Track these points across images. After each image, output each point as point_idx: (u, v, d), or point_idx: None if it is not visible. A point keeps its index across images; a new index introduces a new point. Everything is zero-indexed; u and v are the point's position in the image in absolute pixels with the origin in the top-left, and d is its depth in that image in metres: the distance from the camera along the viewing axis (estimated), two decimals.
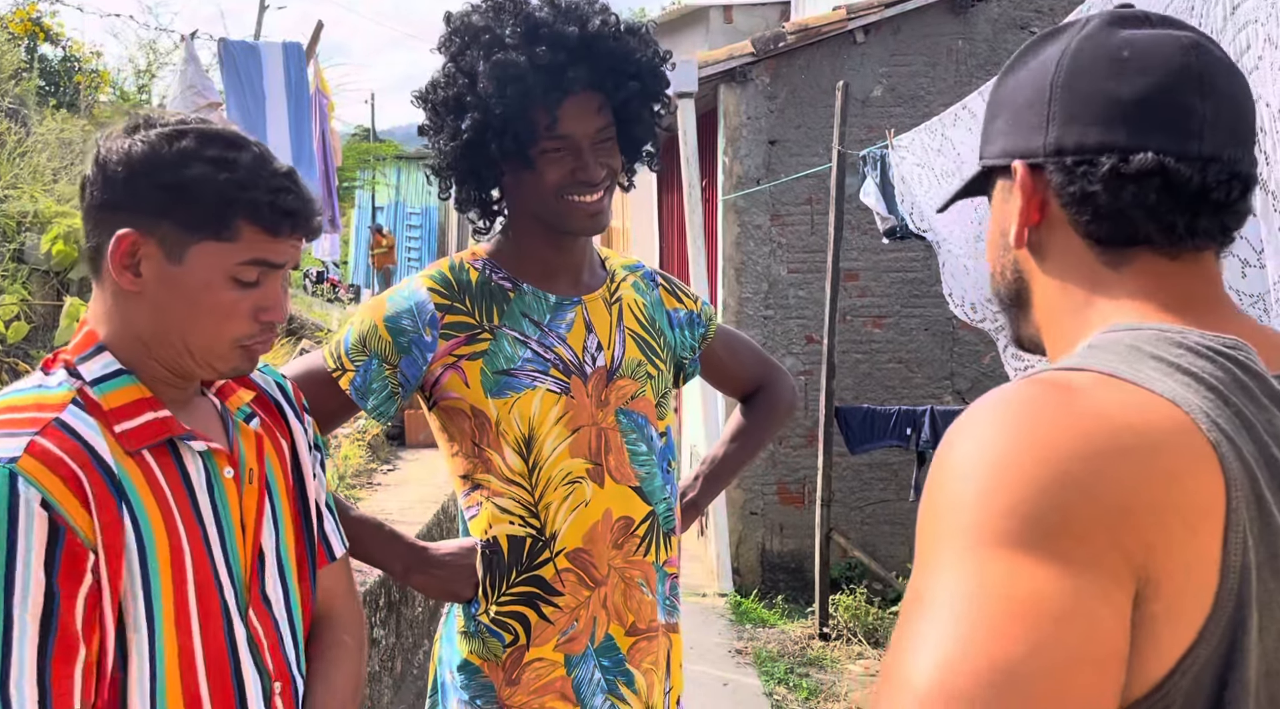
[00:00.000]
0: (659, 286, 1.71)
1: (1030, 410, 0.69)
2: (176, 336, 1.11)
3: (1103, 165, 0.77)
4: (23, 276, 3.66)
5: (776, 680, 4.46)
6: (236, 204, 1.09)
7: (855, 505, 5.88)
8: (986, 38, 5.73)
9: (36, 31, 7.41)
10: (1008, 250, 0.87)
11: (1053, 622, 0.61)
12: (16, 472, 0.98)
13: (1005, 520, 0.64)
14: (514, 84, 1.40)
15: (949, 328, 5.69)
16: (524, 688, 1.50)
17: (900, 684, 0.62)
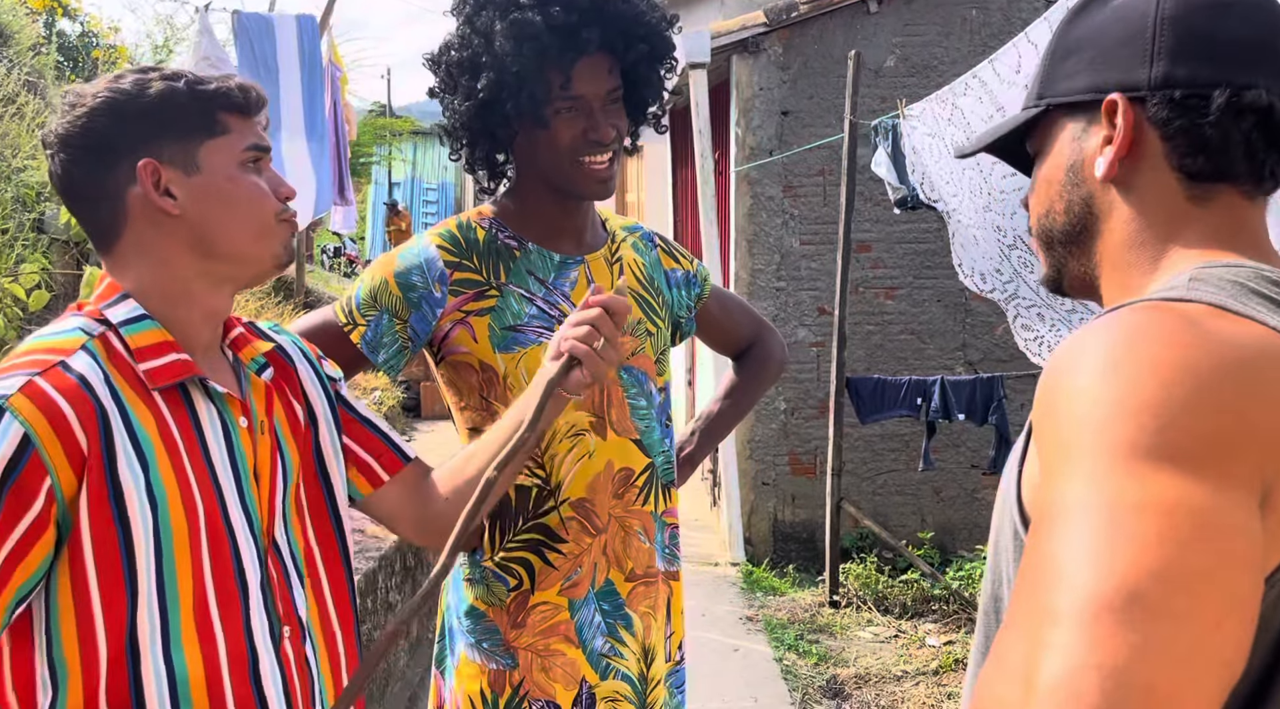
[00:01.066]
0: (657, 247, 1.76)
1: (1161, 332, 0.70)
2: (229, 232, 1.16)
3: (1216, 99, 0.80)
4: (43, 246, 3.72)
5: (786, 647, 4.52)
6: (209, 99, 1.15)
7: (866, 475, 5.91)
8: (1000, 6, 5.69)
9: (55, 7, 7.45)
10: (1078, 185, 0.88)
11: (1211, 529, 0.62)
12: (5, 406, 1.02)
13: (1152, 436, 0.65)
14: (530, 43, 1.44)
15: (961, 299, 5.69)
16: (529, 630, 1.56)
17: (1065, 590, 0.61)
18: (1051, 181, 0.91)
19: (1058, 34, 0.91)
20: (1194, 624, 0.59)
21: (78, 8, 7.79)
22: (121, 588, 1.08)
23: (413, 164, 22.66)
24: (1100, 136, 0.85)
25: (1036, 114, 0.92)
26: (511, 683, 1.57)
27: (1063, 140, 0.90)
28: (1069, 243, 0.91)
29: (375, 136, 19.14)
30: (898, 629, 4.76)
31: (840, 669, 4.31)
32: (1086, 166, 0.87)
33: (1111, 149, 0.84)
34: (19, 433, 1.02)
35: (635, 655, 1.62)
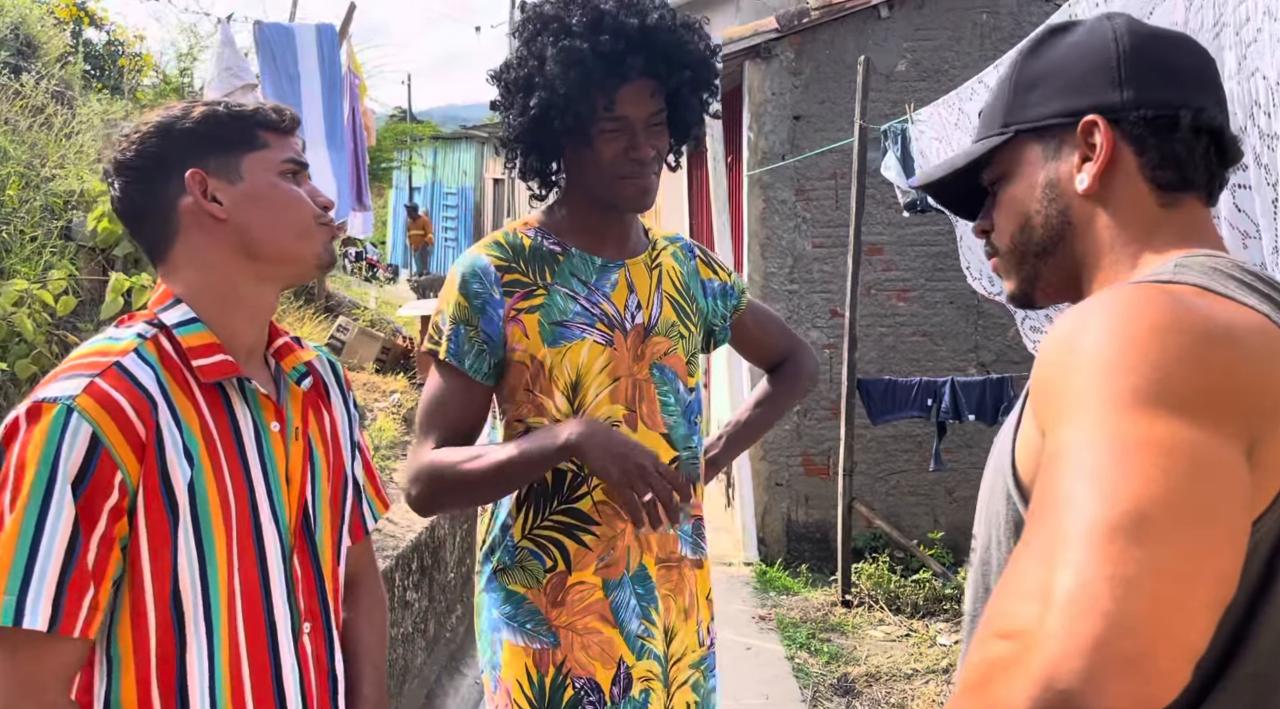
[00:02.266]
0: (696, 258, 1.87)
1: (1155, 304, 0.78)
2: (273, 235, 1.26)
3: (1183, 119, 0.92)
4: (70, 253, 3.82)
5: (799, 646, 4.57)
6: (248, 119, 1.27)
7: (879, 476, 5.95)
8: (1011, 11, 5.72)
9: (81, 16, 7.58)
10: (1054, 200, 0.97)
11: (1208, 467, 0.69)
12: (73, 407, 1.10)
13: (1152, 385, 0.72)
14: (577, 68, 1.56)
15: (973, 301, 5.72)
16: (569, 609, 1.67)
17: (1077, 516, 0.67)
18: (1026, 199, 1.00)
19: (1015, 70, 1.01)
20: (1196, 547, 0.65)
21: (104, 17, 7.93)
22: (168, 577, 1.16)
23: (433, 169, 22.83)
24: (1075, 155, 0.95)
25: (1002, 141, 1.00)
26: (554, 661, 1.66)
27: (1032, 162, 0.99)
28: (1045, 253, 1.00)
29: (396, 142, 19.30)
30: (909, 628, 4.80)
31: (851, 667, 4.36)
32: (1063, 182, 0.97)
33: (1094, 165, 0.94)
34: (88, 432, 1.11)
35: (660, 636, 1.72)
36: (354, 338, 6.51)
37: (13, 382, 3.28)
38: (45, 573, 1.08)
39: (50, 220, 3.83)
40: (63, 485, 1.09)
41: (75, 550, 1.10)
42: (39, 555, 1.08)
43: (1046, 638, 0.63)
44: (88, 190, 4.05)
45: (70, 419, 1.10)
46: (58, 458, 1.09)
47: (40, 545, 1.08)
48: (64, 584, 1.09)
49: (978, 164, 1.04)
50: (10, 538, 1.08)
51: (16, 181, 3.80)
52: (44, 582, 1.08)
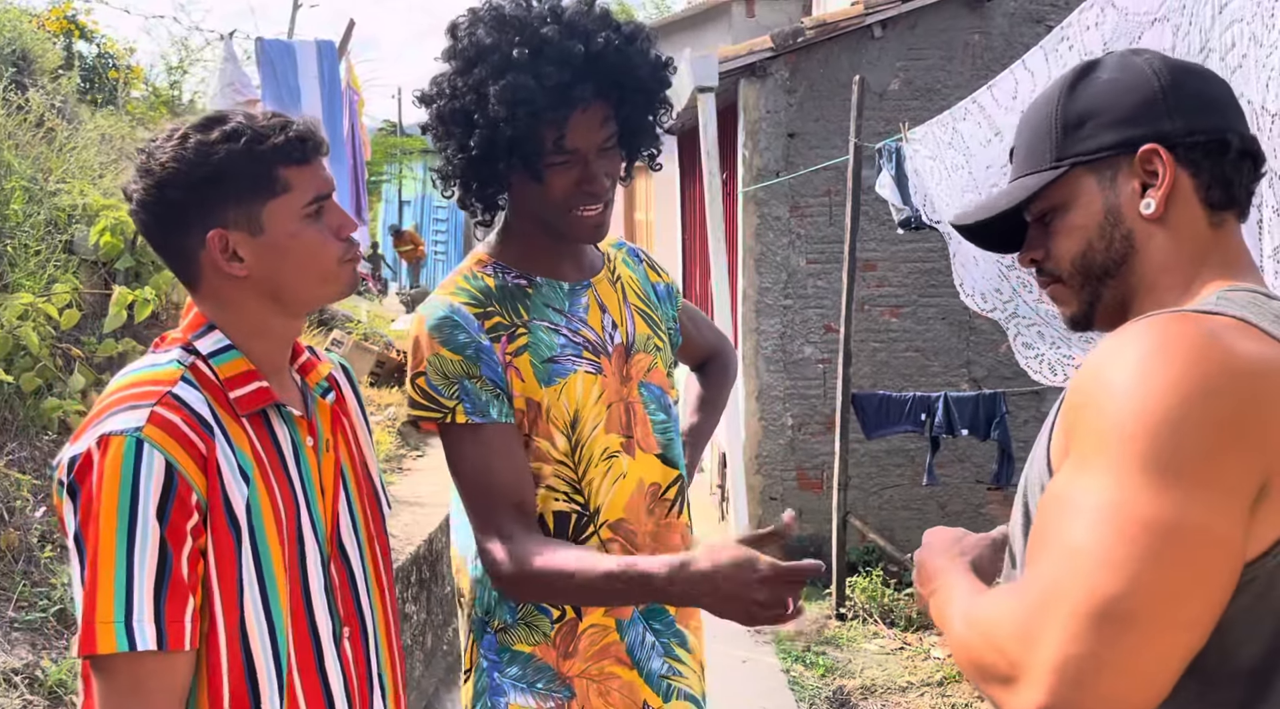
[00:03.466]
0: (643, 262, 1.78)
1: (1181, 346, 0.86)
2: (296, 284, 1.27)
3: (1233, 142, 1.01)
4: (73, 267, 3.84)
5: (794, 659, 4.60)
6: (268, 158, 1.23)
7: (873, 490, 6.00)
8: (1003, 32, 5.81)
9: (72, 29, 7.59)
10: (1118, 224, 1.03)
11: (1184, 541, 0.80)
12: (143, 438, 1.13)
13: (1154, 444, 0.82)
14: (524, 106, 1.43)
15: (965, 317, 5.78)
16: (581, 656, 1.56)
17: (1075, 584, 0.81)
18: (1087, 226, 1.06)
19: (1059, 108, 1.07)
20: (1170, 629, 0.80)
21: (94, 29, 7.94)
22: (235, 593, 1.20)
23: (423, 182, 22.84)
24: (1134, 182, 1.02)
25: (1056, 176, 1.06)
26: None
27: (1090, 191, 1.05)
28: (1108, 275, 1.06)
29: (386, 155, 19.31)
30: (903, 641, 4.84)
31: (846, 680, 4.39)
32: (1124, 207, 1.03)
33: (1158, 190, 1.01)
34: (162, 460, 1.14)
35: (695, 673, 1.63)
36: (348, 352, 6.53)
37: (18, 394, 3.30)
38: (143, 596, 1.11)
39: (54, 234, 3.85)
40: (144, 511, 1.13)
41: (167, 569, 1.13)
42: (134, 581, 1.11)
43: (1037, 689, 0.81)
44: (90, 204, 4.07)
45: (143, 449, 1.13)
46: (137, 487, 1.12)
47: (134, 570, 1.11)
48: (161, 602, 1.12)
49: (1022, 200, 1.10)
50: (107, 568, 1.11)
51: (21, 195, 3.82)
52: (143, 604, 1.11)
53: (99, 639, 1.10)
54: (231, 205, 1.22)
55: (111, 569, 1.11)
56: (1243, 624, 0.86)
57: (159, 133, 1.29)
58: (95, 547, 1.12)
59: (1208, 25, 2.16)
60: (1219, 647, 0.86)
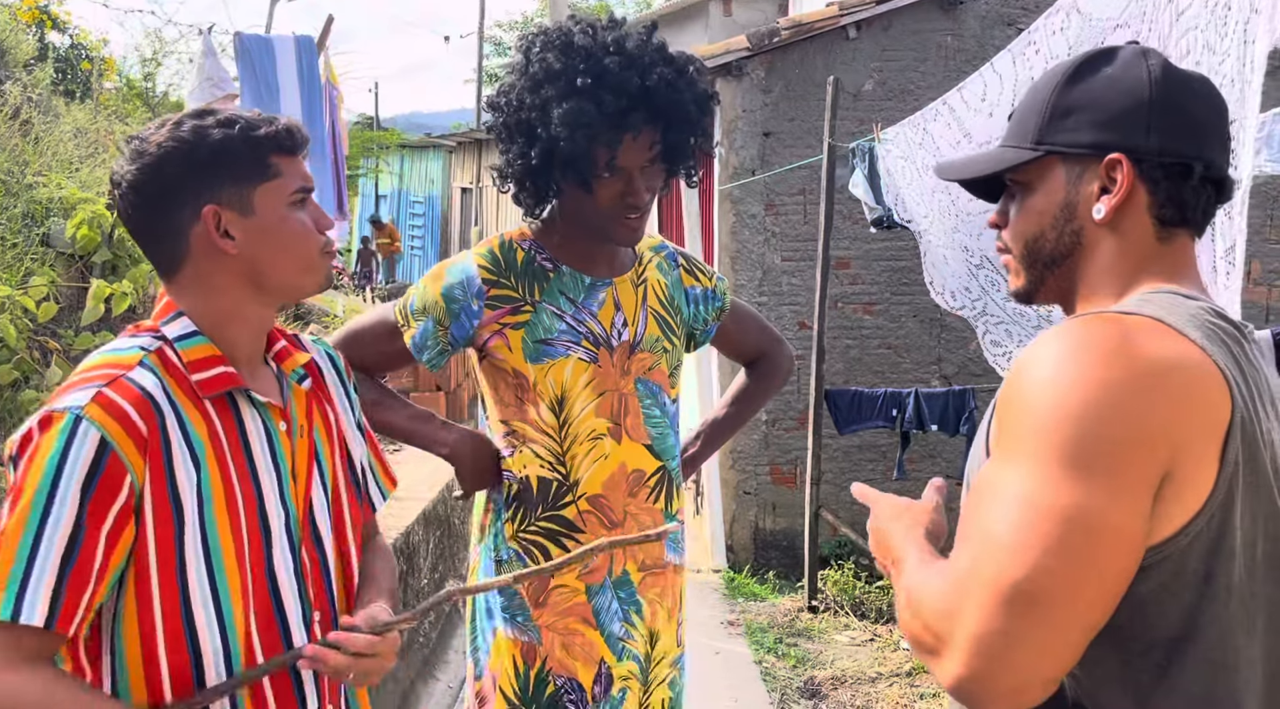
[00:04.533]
0: (679, 267, 1.93)
1: (1095, 348, 0.93)
2: (280, 268, 1.30)
3: (1196, 170, 1.05)
4: (50, 260, 3.84)
5: (766, 650, 4.67)
6: (262, 144, 1.27)
7: (844, 485, 6.08)
8: (975, 34, 5.90)
9: (44, 20, 7.52)
10: (1071, 220, 1.08)
11: (1087, 530, 0.89)
12: (82, 415, 1.15)
13: (1064, 439, 0.90)
14: (583, 129, 1.62)
15: (937, 314, 5.87)
16: (550, 610, 1.75)
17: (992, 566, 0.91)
18: (1044, 213, 1.11)
19: (1054, 93, 1.11)
20: (1074, 606, 0.89)
21: (67, 20, 7.88)
22: (174, 576, 1.21)
23: (399, 176, 22.75)
24: (1095, 185, 1.07)
25: (1033, 157, 1.12)
26: (539, 656, 1.74)
27: (1056, 181, 1.10)
28: (1054, 264, 1.12)
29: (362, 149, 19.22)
30: (873, 633, 4.92)
31: (818, 671, 4.47)
32: (1080, 206, 1.09)
33: (1112, 198, 1.07)
34: (96, 437, 1.15)
35: (643, 638, 1.80)
36: None
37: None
38: (44, 572, 1.11)
39: (31, 227, 3.85)
40: (66, 487, 1.13)
41: (75, 551, 1.13)
42: (39, 555, 1.12)
43: (956, 661, 0.91)
44: (66, 197, 4.07)
45: (79, 426, 1.14)
46: (63, 461, 1.13)
47: (41, 545, 1.12)
48: (62, 583, 1.12)
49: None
50: (13, 537, 1.12)
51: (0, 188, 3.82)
52: (43, 580, 1.11)
53: None
54: (227, 184, 1.26)
55: (18, 538, 1.11)
56: (1159, 599, 0.94)
57: (150, 124, 1.33)
58: (10, 517, 1.12)
59: (1166, 32, 2.24)
60: (1139, 621, 0.94)
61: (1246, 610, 0.97)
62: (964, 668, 0.90)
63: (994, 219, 1.19)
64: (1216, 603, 0.95)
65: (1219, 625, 0.95)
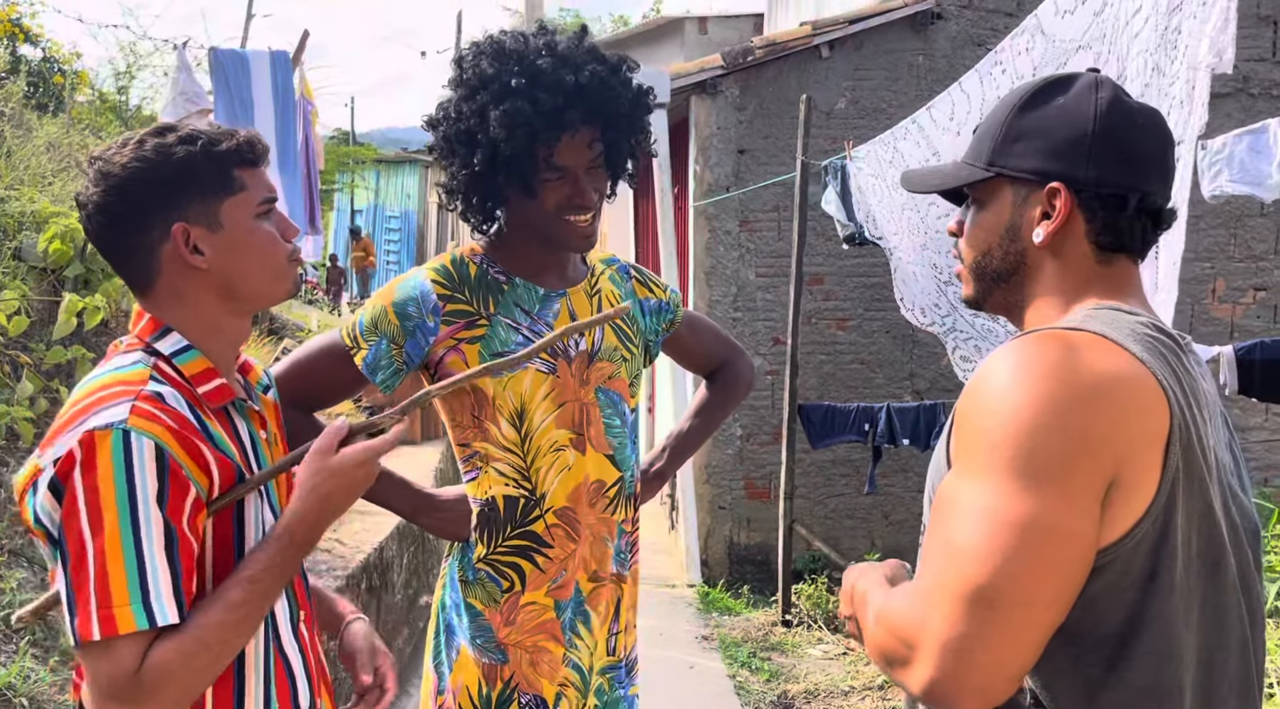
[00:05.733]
0: (632, 279, 1.93)
1: (1041, 365, 0.99)
2: (251, 279, 1.33)
3: (1131, 201, 1.11)
4: (21, 273, 3.83)
5: (740, 664, 4.68)
6: (225, 159, 1.29)
7: (818, 499, 6.12)
8: (945, 54, 5.99)
9: (16, 32, 7.48)
10: (1014, 241, 1.15)
11: (1041, 537, 0.95)
12: (129, 428, 1.16)
13: (1016, 452, 0.97)
14: (521, 128, 1.62)
15: (909, 330, 5.93)
16: (519, 628, 1.74)
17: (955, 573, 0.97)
18: (992, 231, 1.18)
19: (1009, 117, 1.17)
20: (1032, 609, 0.96)
21: (40, 33, 7.84)
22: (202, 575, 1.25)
23: (375, 192, 22.71)
24: (1038, 209, 1.14)
25: (984, 177, 1.18)
26: (503, 677, 1.73)
27: (1004, 202, 1.17)
28: (999, 280, 1.19)
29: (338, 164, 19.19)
30: (847, 647, 4.95)
31: (791, 685, 4.48)
32: (1024, 229, 1.15)
33: (1050, 224, 1.13)
34: (150, 444, 1.16)
35: (588, 649, 1.79)
36: None
37: None
38: (158, 576, 1.15)
39: (2, 241, 3.83)
40: (144, 494, 1.15)
41: (175, 549, 1.17)
42: (147, 563, 1.14)
43: (927, 665, 0.97)
44: (39, 211, 4.05)
45: (130, 439, 1.15)
46: (130, 471, 1.15)
47: (144, 554, 1.14)
48: (177, 580, 1.17)
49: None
50: (115, 554, 1.13)
51: None
52: (160, 585, 1.15)
53: (118, 621, 1.12)
54: (194, 201, 1.27)
55: (121, 554, 1.13)
56: (1108, 597, 1.00)
57: (110, 143, 1.33)
58: (97, 536, 1.13)
59: (1124, 54, 2.30)
60: (1090, 617, 1.00)
61: (1185, 604, 1.03)
62: (935, 671, 0.97)
63: (951, 227, 1.25)
64: (1160, 599, 1.01)
65: (1162, 620, 1.01)
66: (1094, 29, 2.50)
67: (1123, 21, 2.25)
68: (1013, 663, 0.97)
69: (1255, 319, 6.12)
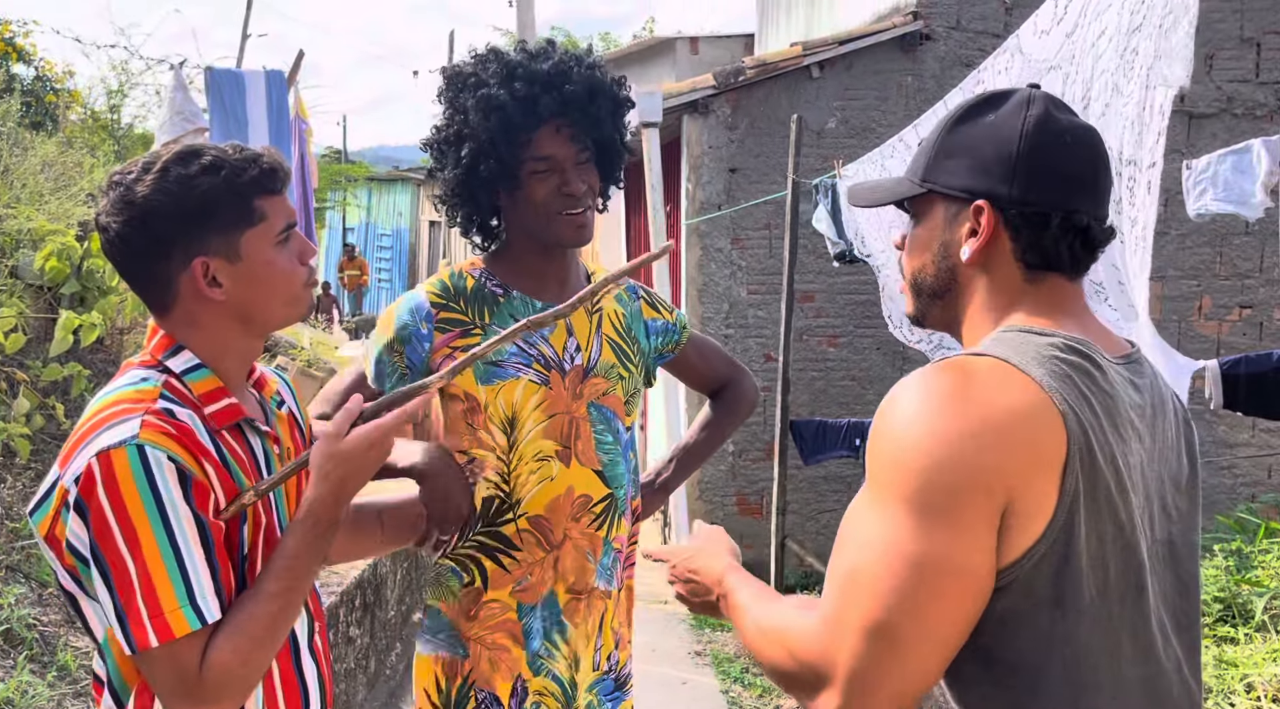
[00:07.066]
0: (640, 299, 1.96)
1: (937, 399, 1.01)
2: (268, 307, 1.35)
3: (1054, 219, 1.10)
4: (18, 291, 3.85)
5: (733, 680, 4.69)
6: (246, 191, 1.29)
7: (810, 515, 6.15)
8: (934, 74, 6.06)
9: (9, 51, 7.51)
10: (946, 258, 1.15)
11: (935, 573, 0.99)
12: (142, 442, 1.18)
13: (911, 488, 1.00)
14: (496, 113, 1.67)
15: (899, 347, 5.98)
16: (480, 623, 1.76)
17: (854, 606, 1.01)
18: (926, 247, 1.19)
19: (943, 133, 1.17)
20: (929, 639, 1.00)
21: (32, 52, 7.87)
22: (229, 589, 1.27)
23: (367, 210, 22.75)
24: (966, 226, 1.15)
25: (918, 193, 1.19)
26: (462, 672, 1.75)
27: (937, 217, 1.18)
28: (935, 297, 1.20)
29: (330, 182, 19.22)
30: None
31: (784, 700, 4.50)
32: (954, 247, 1.16)
33: (976, 241, 1.13)
34: (165, 456, 1.19)
35: (566, 661, 1.79)
36: (293, 378, 6.53)
37: None
38: (199, 575, 1.19)
39: (0, 259, 3.86)
40: (170, 498, 1.18)
41: (210, 546, 1.21)
42: (186, 564, 1.18)
43: (834, 695, 1.01)
44: (35, 229, 4.08)
45: (145, 451, 1.18)
46: (153, 480, 1.17)
47: (182, 555, 1.18)
48: (217, 575, 1.20)
49: None
50: (154, 560, 1.16)
51: None
52: (202, 583, 1.19)
53: (172, 626, 1.16)
54: (215, 235, 1.28)
55: (160, 563, 1.16)
56: (1016, 620, 1.02)
57: (130, 165, 1.33)
58: (135, 550, 1.16)
59: (1088, 75, 2.35)
60: (1003, 641, 1.03)
61: (1105, 632, 1.04)
62: (842, 700, 1.01)
63: (895, 241, 1.26)
64: (1068, 623, 1.02)
65: (1074, 646, 1.03)
66: (1065, 49, 2.56)
67: (1089, 43, 2.30)
68: (916, 688, 1.01)
69: (1241, 336, 6.18)
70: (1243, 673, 3.80)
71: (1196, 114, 5.97)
